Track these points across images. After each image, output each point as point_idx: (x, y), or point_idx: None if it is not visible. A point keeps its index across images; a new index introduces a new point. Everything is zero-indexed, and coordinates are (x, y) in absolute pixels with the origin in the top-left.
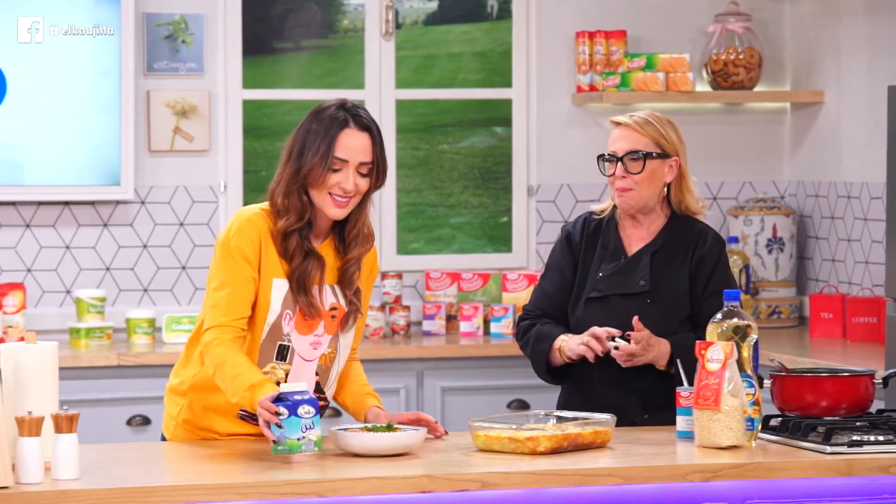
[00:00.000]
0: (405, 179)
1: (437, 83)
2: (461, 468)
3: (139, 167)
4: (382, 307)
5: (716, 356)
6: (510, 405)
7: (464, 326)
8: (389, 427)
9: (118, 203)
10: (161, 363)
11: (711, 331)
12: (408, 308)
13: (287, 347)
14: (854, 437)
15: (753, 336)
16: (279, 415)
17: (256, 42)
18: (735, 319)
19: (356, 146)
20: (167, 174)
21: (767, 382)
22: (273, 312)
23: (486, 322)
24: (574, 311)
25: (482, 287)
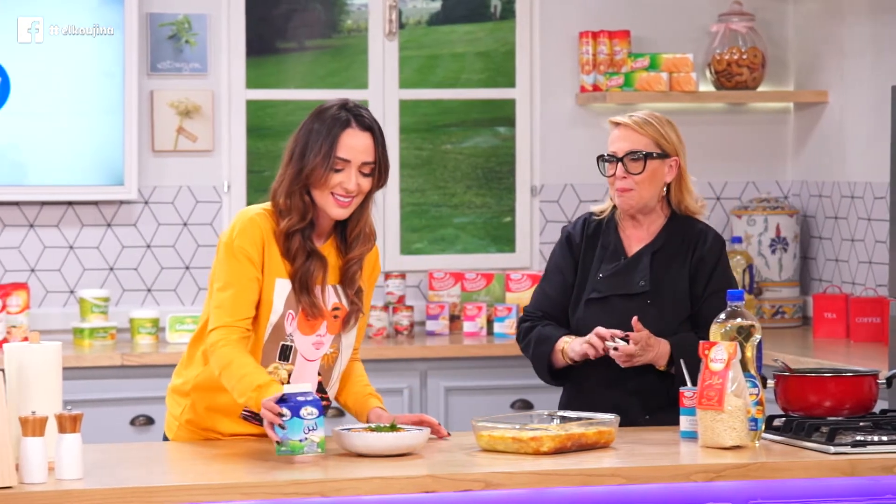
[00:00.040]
0: (409, 179)
1: (441, 83)
2: (465, 468)
3: (143, 167)
4: (386, 307)
5: (719, 356)
6: (514, 405)
7: (467, 326)
8: (393, 427)
9: (122, 203)
10: (165, 363)
11: (715, 331)
12: (411, 308)
13: (290, 348)
14: (857, 438)
15: (757, 336)
16: (282, 416)
17: (260, 42)
18: (739, 319)
19: (358, 146)
20: (171, 174)
21: (771, 382)
22: (276, 313)
23: (490, 322)
24: (574, 312)
25: (485, 287)
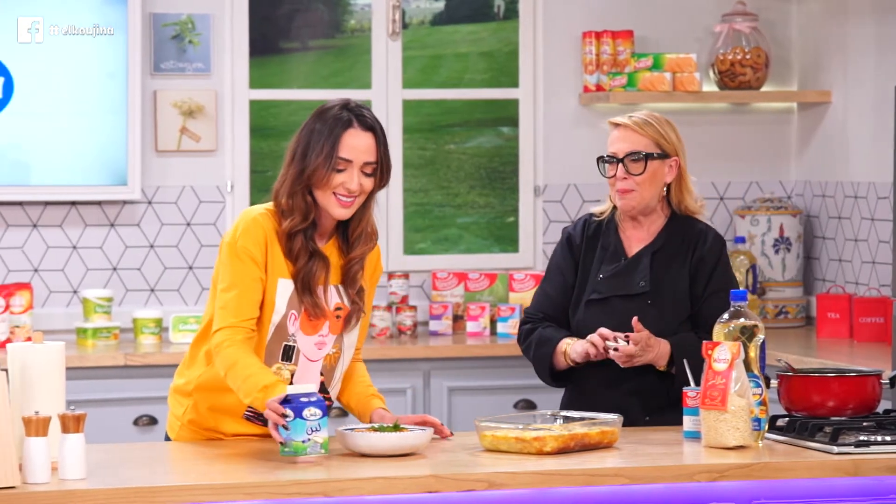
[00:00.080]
0: (412, 179)
1: (444, 83)
2: (468, 468)
3: (146, 167)
4: (389, 307)
5: (722, 356)
6: (517, 405)
7: (470, 326)
8: (396, 427)
9: (125, 203)
10: (168, 363)
11: (718, 331)
12: (414, 308)
13: (292, 348)
14: (861, 438)
15: (760, 336)
16: (285, 417)
17: (263, 42)
18: (742, 319)
19: (360, 146)
20: (174, 174)
21: (774, 382)
22: (278, 313)
23: (493, 322)
24: (575, 314)
25: (489, 287)
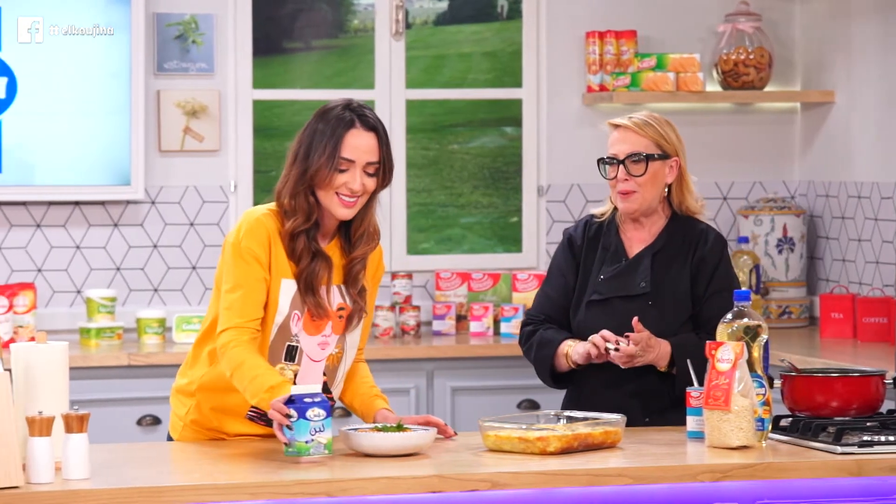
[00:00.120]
0: (415, 179)
1: (448, 83)
2: (471, 468)
3: (149, 167)
4: (392, 307)
5: (726, 356)
6: (520, 405)
7: (474, 326)
8: (399, 427)
9: (128, 203)
10: (171, 363)
11: (722, 331)
12: (418, 308)
13: (295, 348)
14: (864, 438)
15: (764, 336)
16: (289, 417)
17: (266, 42)
18: (745, 319)
19: (362, 146)
20: (177, 174)
21: (778, 382)
22: (281, 313)
23: (497, 322)
24: (576, 315)
25: (492, 287)
